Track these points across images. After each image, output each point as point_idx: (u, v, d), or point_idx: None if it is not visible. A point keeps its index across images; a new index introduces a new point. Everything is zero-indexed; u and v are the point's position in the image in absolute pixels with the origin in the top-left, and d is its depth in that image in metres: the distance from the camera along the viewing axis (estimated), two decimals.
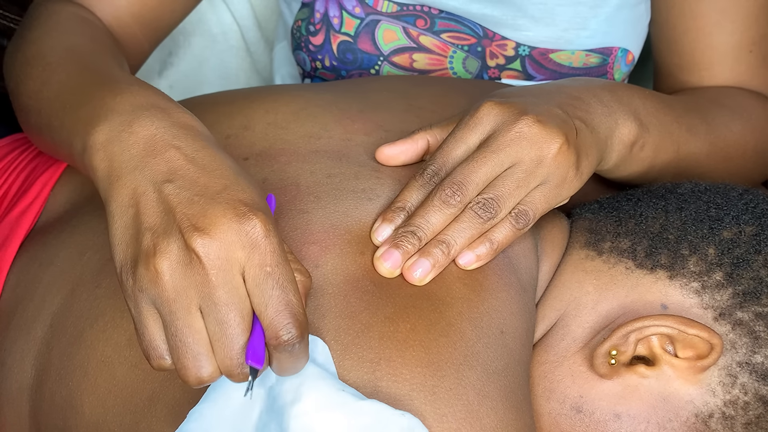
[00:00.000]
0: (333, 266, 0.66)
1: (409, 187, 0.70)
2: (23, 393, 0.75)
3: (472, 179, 0.68)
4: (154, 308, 0.58)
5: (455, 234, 0.68)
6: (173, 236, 0.56)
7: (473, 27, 0.98)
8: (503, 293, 0.69)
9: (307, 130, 0.77)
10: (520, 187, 0.68)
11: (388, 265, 0.66)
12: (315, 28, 1.00)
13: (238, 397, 0.60)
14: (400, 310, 0.65)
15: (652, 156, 0.80)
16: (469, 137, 0.70)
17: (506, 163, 0.68)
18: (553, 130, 0.69)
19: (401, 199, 0.69)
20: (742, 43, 0.94)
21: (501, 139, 0.69)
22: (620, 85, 0.80)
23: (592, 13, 0.96)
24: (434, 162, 0.70)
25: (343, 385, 0.60)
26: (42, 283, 0.77)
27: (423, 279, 0.67)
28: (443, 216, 0.68)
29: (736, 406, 0.70)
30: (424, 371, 0.63)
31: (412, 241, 0.67)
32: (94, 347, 0.70)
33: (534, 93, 0.74)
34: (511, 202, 0.68)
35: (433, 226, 0.68)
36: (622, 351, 0.70)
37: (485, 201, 0.68)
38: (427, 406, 0.62)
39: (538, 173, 0.69)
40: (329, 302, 0.65)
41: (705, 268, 0.72)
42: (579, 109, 0.73)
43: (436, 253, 0.67)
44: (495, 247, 0.69)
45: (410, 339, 0.64)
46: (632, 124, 0.77)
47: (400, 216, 0.69)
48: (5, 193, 0.88)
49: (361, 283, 0.66)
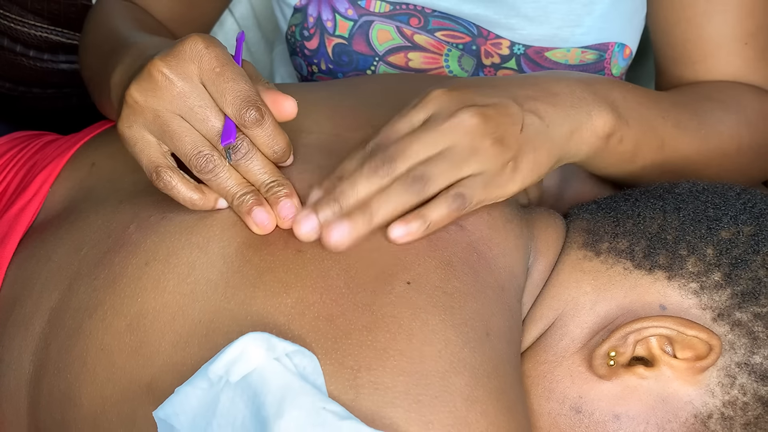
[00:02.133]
0: (312, 256, 0.67)
1: (349, 158, 0.70)
2: (21, 389, 0.75)
3: (403, 152, 0.68)
4: (148, 131, 0.71)
5: (380, 202, 0.67)
6: (148, 66, 0.71)
7: (467, 26, 0.98)
8: (482, 295, 0.69)
9: (299, 126, 0.78)
10: (452, 169, 0.68)
11: (303, 229, 0.67)
12: (309, 32, 1.00)
13: (219, 389, 0.62)
14: (377, 320, 0.65)
15: (633, 150, 0.79)
16: (413, 117, 0.71)
17: (440, 144, 0.69)
18: (490, 125, 0.69)
19: (340, 169, 0.70)
20: (736, 35, 0.92)
21: (439, 123, 0.69)
22: (599, 78, 0.80)
23: (585, 10, 0.95)
24: (378, 136, 0.71)
25: (327, 401, 0.60)
26: (40, 279, 0.77)
27: (340, 244, 0.66)
28: (369, 185, 0.68)
29: (735, 406, 0.70)
30: (407, 380, 0.63)
31: (332, 206, 0.67)
32: (93, 337, 0.70)
33: (496, 84, 0.74)
34: (441, 181, 0.68)
35: (358, 194, 0.67)
36: (621, 352, 0.70)
37: (413, 176, 0.68)
38: (411, 413, 0.62)
39: (472, 161, 0.69)
40: (308, 297, 0.65)
41: (703, 268, 0.72)
42: (540, 101, 0.73)
43: (356, 218, 0.66)
44: (427, 225, 0.68)
45: (390, 348, 0.64)
46: (608, 115, 0.76)
47: (336, 185, 0.69)
48: (4, 190, 0.89)
49: (336, 283, 0.66)
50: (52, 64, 1.10)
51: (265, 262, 0.67)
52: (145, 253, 0.71)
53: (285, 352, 0.61)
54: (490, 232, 0.72)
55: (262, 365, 0.61)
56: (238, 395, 0.61)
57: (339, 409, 0.60)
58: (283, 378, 0.60)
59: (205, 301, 0.67)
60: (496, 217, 0.74)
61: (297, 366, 0.61)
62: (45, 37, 1.08)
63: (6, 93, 1.13)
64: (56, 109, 1.16)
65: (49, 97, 1.14)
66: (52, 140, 0.94)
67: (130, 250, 0.72)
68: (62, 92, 1.14)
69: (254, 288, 0.66)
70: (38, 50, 1.09)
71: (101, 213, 0.78)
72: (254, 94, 0.69)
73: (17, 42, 1.08)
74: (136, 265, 0.71)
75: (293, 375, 0.60)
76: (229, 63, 0.69)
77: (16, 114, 1.16)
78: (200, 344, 0.66)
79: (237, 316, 0.66)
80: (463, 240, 0.71)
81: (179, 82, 0.69)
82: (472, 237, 0.71)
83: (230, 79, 0.69)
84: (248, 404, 0.60)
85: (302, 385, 0.60)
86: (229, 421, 0.61)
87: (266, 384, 0.60)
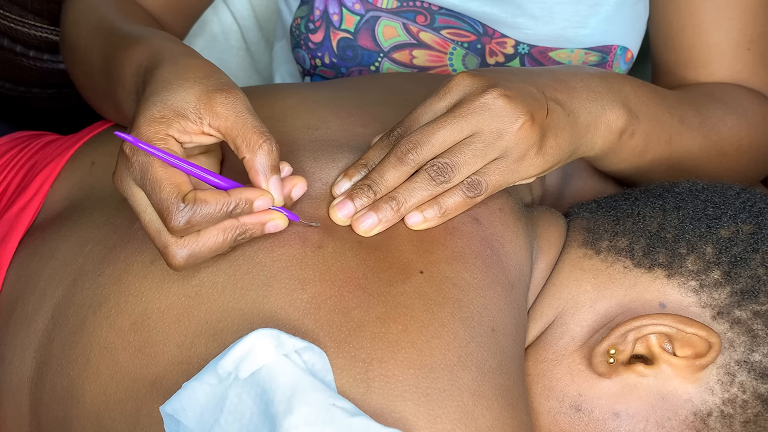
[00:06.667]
0: (333, 250, 0.68)
1: (373, 147, 0.73)
2: (23, 386, 0.75)
3: (429, 140, 0.70)
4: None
5: (406, 193, 0.70)
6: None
7: (473, 24, 0.98)
8: (491, 291, 0.69)
9: (305, 123, 0.78)
10: (477, 157, 0.70)
11: (341, 214, 0.69)
12: (314, 25, 1.00)
13: (226, 385, 0.62)
14: (391, 310, 0.65)
15: (643, 145, 0.80)
16: (437, 104, 0.72)
17: (466, 130, 0.70)
18: (519, 106, 0.70)
19: (364, 158, 0.72)
20: (739, 40, 0.94)
21: (464, 107, 0.70)
22: (612, 73, 0.80)
23: (591, 11, 0.96)
24: (401, 125, 0.72)
25: (337, 398, 0.60)
26: (43, 277, 0.77)
27: (368, 231, 0.69)
28: (398, 173, 0.70)
29: (735, 404, 0.70)
30: (416, 373, 0.63)
31: (367, 193, 0.70)
32: (96, 334, 0.70)
33: (515, 72, 0.75)
34: (466, 170, 0.70)
35: (388, 181, 0.70)
36: (621, 350, 0.71)
37: (440, 165, 0.70)
38: (420, 407, 0.62)
39: (497, 146, 0.70)
40: (325, 291, 0.66)
41: (703, 266, 0.72)
42: (559, 92, 0.74)
43: (385, 209, 0.69)
44: (443, 212, 0.70)
45: (402, 340, 0.64)
46: (621, 110, 0.77)
47: (361, 172, 0.71)
48: (4, 189, 0.89)
49: (355, 275, 0.66)
50: (52, 64, 1.10)
51: (279, 262, 0.67)
52: (151, 250, 0.70)
53: (294, 348, 0.62)
54: (503, 229, 0.73)
55: (271, 362, 0.61)
56: (246, 391, 0.61)
57: (348, 406, 0.60)
58: (293, 374, 0.60)
59: (211, 303, 0.67)
60: (508, 213, 0.74)
61: (306, 362, 0.61)
62: (45, 37, 1.08)
63: (6, 93, 1.13)
64: (56, 109, 1.16)
65: (49, 97, 1.14)
66: (52, 140, 0.94)
67: (136, 247, 0.72)
68: (62, 92, 1.14)
69: (267, 287, 0.66)
70: (38, 50, 1.09)
71: (105, 210, 0.78)
72: (169, 201, 0.64)
73: (17, 42, 1.08)
74: (141, 262, 0.71)
75: (303, 371, 0.60)
76: (147, 172, 0.65)
77: (16, 114, 1.16)
78: (207, 344, 0.66)
79: (247, 314, 0.66)
80: (477, 234, 0.71)
81: (121, 171, 0.67)
82: (486, 232, 0.72)
83: (150, 192, 0.65)
84: (257, 401, 0.60)
85: (312, 381, 0.60)
86: (236, 417, 0.61)
87: (275, 380, 0.60)
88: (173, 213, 0.63)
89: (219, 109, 0.65)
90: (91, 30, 0.85)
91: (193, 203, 0.63)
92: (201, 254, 0.65)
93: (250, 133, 0.65)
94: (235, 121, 0.65)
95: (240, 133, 0.65)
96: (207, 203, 0.63)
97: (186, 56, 0.70)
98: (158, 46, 0.73)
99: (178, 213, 0.63)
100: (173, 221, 0.63)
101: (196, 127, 0.66)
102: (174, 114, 0.65)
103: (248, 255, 0.68)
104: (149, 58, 0.71)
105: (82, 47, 0.86)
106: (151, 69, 0.70)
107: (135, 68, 0.73)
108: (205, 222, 0.64)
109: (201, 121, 0.66)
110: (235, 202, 0.64)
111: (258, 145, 0.65)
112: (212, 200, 0.63)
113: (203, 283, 0.68)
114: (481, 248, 0.71)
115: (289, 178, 0.68)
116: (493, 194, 0.72)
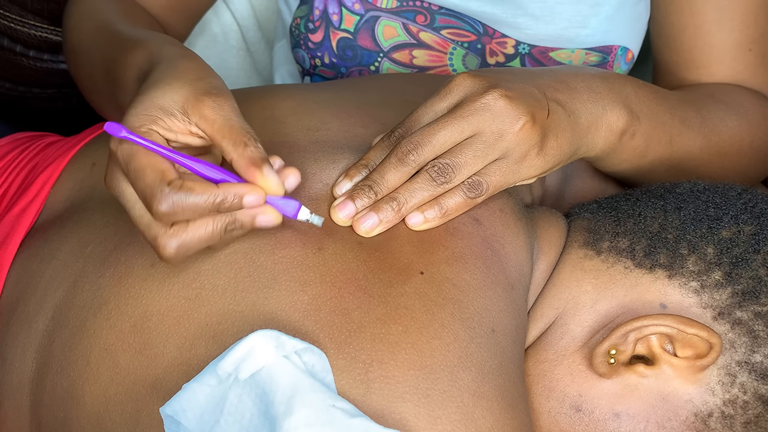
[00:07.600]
0: (333, 251, 0.68)
1: (374, 148, 0.73)
2: (24, 387, 0.75)
3: (430, 140, 0.70)
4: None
5: (407, 193, 0.70)
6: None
7: (473, 24, 0.98)
8: (491, 291, 0.69)
9: (306, 124, 0.78)
10: (478, 158, 0.70)
11: (342, 214, 0.70)
12: (314, 25, 1.00)
13: (226, 387, 0.62)
14: (391, 311, 0.65)
15: (644, 146, 0.80)
16: (438, 105, 0.72)
17: (467, 131, 0.70)
18: (520, 106, 0.70)
19: (365, 158, 0.72)
20: (741, 41, 0.94)
21: (465, 108, 0.70)
22: (613, 73, 0.80)
23: (592, 11, 0.96)
24: (402, 126, 0.73)
25: (337, 399, 0.60)
26: (44, 278, 0.77)
27: (369, 232, 0.69)
28: (398, 174, 0.70)
29: (736, 405, 0.70)
30: (416, 374, 0.63)
31: (368, 194, 0.70)
32: (97, 336, 0.70)
33: (516, 72, 0.75)
34: (467, 171, 0.70)
35: (389, 182, 0.70)
36: (622, 350, 0.71)
37: (441, 165, 0.70)
38: (421, 408, 0.62)
39: (498, 146, 0.70)
40: (326, 293, 0.66)
41: (704, 267, 0.72)
42: (560, 92, 0.74)
43: (386, 209, 0.69)
44: (444, 212, 0.70)
45: (402, 341, 0.64)
46: (622, 111, 0.77)
47: (362, 173, 0.72)
48: (5, 191, 0.89)
49: (355, 276, 0.66)
50: (52, 64, 1.10)
51: (280, 264, 0.67)
52: (151, 253, 0.70)
53: (294, 349, 0.62)
54: (503, 229, 0.73)
55: (271, 363, 0.61)
56: (246, 393, 0.61)
57: (348, 407, 0.60)
58: (293, 376, 0.60)
59: (211, 306, 0.67)
60: (509, 214, 0.74)
61: (306, 363, 0.61)
62: (45, 37, 1.08)
63: (6, 93, 1.13)
64: (56, 109, 1.16)
65: (49, 97, 1.14)
66: (53, 141, 0.94)
67: (137, 250, 0.72)
68: (62, 92, 1.14)
69: (268, 290, 0.66)
70: (38, 50, 1.09)
71: (106, 211, 0.78)
72: (153, 186, 0.63)
73: (17, 42, 1.08)
74: (142, 265, 0.71)
75: (302, 372, 0.61)
76: (131, 162, 0.64)
77: (17, 114, 1.16)
78: (207, 345, 0.66)
79: (248, 316, 0.66)
80: (478, 234, 0.71)
81: (112, 170, 0.67)
82: (487, 232, 0.72)
83: (134, 180, 0.64)
84: (257, 402, 0.60)
85: (311, 382, 0.60)
86: (236, 418, 0.61)
87: (275, 382, 0.60)
88: (157, 197, 0.62)
89: (206, 112, 0.65)
90: (93, 33, 0.85)
91: (179, 189, 0.62)
92: (191, 244, 0.64)
93: (236, 134, 0.64)
94: (222, 124, 0.65)
95: (227, 135, 0.64)
96: (193, 191, 0.62)
97: (182, 58, 0.70)
98: (158, 49, 0.73)
99: (162, 197, 0.61)
100: (157, 204, 0.62)
101: (183, 126, 0.66)
102: (160, 111, 0.65)
103: (249, 257, 0.68)
104: (149, 61, 0.71)
105: (84, 50, 0.86)
106: (149, 71, 0.70)
107: (135, 71, 0.72)
108: (190, 211, 0.62)
109: (188, 121, 0.65)
110: (223, 195, 0.63)
111: (243, 144, 0.64)
112: (199, 189, 0.62)
113: (203, 285, 0.68)
114: (482, 249, 0.71)
115: (281, 170, 0.67)
116: (493, 195, 0.72)
